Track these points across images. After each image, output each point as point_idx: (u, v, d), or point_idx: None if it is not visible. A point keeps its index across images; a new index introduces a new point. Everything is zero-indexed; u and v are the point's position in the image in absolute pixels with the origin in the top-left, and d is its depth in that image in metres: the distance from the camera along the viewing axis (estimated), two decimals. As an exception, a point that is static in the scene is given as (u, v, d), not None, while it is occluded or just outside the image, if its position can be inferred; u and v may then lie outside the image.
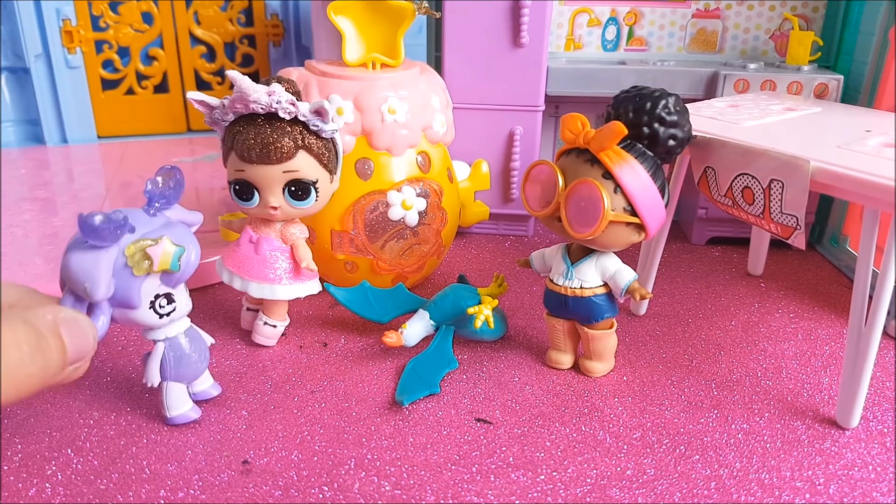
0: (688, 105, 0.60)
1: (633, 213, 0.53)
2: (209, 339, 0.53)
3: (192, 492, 0.46)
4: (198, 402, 0.53)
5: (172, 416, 0.51)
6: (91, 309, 0.42)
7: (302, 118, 0.55)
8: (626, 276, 0.56)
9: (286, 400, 0.56)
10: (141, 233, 0.44)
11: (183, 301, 0.48)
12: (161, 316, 0.47)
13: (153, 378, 0.50)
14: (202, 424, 0.53)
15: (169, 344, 0.50)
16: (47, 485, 0.46)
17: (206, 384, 0.54)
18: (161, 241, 0.43)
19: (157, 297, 0.46)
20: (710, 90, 0.83)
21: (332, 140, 0.59)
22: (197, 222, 0.48)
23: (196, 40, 1.20)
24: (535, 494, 0.46)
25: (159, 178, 0.46)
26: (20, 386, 0.33)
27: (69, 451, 0.50)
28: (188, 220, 0.48)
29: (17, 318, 0.34)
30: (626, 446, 0.51)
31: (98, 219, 0.40)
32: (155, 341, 0.49)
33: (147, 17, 1.16)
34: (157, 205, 0.46)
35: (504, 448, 0.51)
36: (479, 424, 0.53)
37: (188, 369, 0.51)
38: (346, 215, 0.67)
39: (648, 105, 0.53)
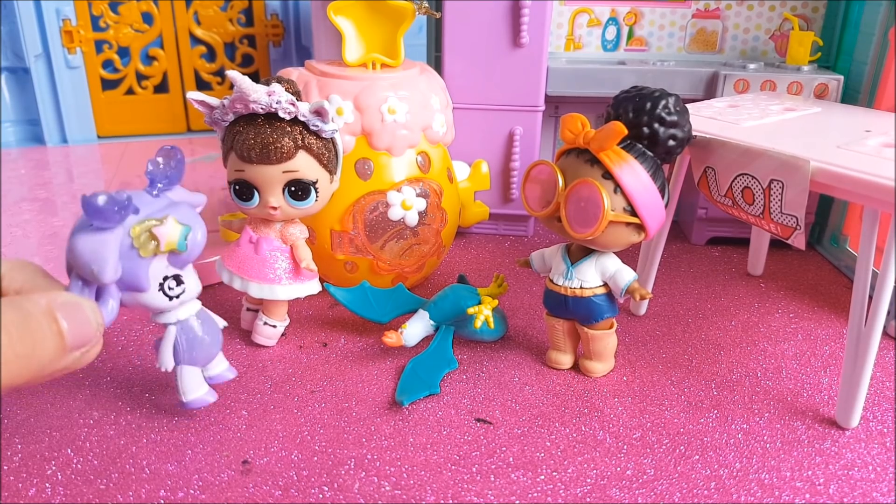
0: (688, 105, 0.60)
1: (633, 213, 0.53)
2: (221, 322, 0.53)
3: (191, 491, 0.46)
4: (213, 387, 0.53)
5: (189, 401, 0.51)
6: (99, 293, 0.42)
7: (302, 118, 0.55)
8: (625, 276, 0.56)
9: (286, 400, 0.56)
10: (144, 214, 0.43)
11: (192, 282, 0.47)
12: (171, 298, 0.46)
13: (166, 362, 0.49)
14: (202, 424, 0.53)
15: (181, 327, 0.49)
16: (47, 485, 0.46)
17: (222, 367, 0.53)
18: (166, 221, 0.43)
19: (165, 278, 0.45)
20: (710, 90, 0.83)
21: (332, 140, 0.59)
22: (201, 203, 0.47)
23: (196, 40, 1.19)
24: (535, 494, 0.46)
25: (160, 159, 0.45)
26: (11, 367, 0.33)
27: (69, 450, 0.50)
28: (192, 201, 0.47)
29: (6, 303, 0.34)
30: (626, 446, 0.51)
31: (101, 199, 0.40)
32: (166, 325, 0.49)
33: (147, 17, 1.16)
34: (159, 185, 0.45)
35: (504, 448, 0.51)
36: (479, 424, 0.53)
37: (201, 352, 0.50)
38: (346, 215, 0.67)
39: (648, 105, 0.53)
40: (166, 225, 0.43)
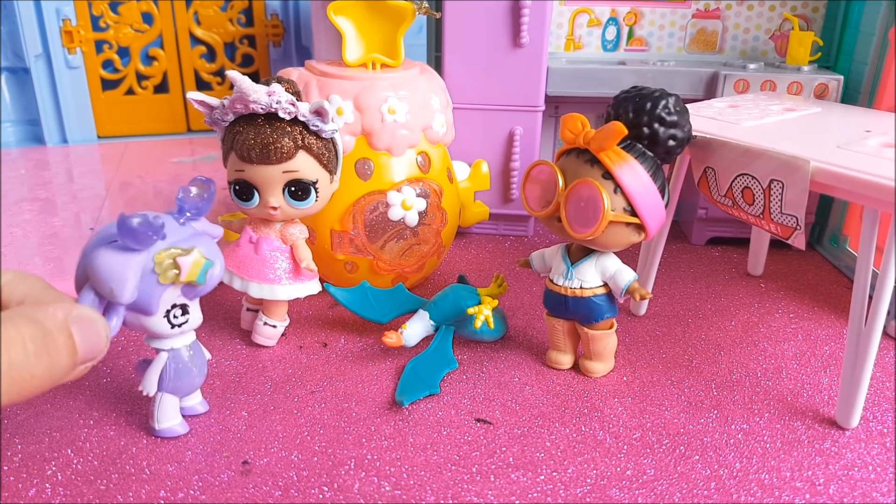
0: (688, 105, 0.60)
1: (633, 213, 0.53)
2: (207, 355, 0.53)
3: (191, 492, 0.46)
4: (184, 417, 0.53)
5: (160, 429, 0.51)
6: (106, 309, 0.41)
7: (302, 118, 0.55)
8: (625, 276, 0.56)
9: (286, 400, 0.56)
10: (170, 241, 0.43)
11: (196, 314, 0.48)
12: (173, 326, 0.46)
13: (150, 387, 0.49)
14: (202, 425, 0.53)
15: (172, 355, 0.49)
16: (47, 485, 0.46)
17: (195, 400, 0.53)
18: (192, 252, 0.43)
19: (173, 306, 0.45)
20: (710, 90, 0.83)
21: (332, 140, 0.59)
22: (218, 235, 0.48)
23: (196, 40, 1.20)
24: (535, 494, 0.46)
25: (193, 188, 0.45)
26: (24, 385, 0.33)
27: (69, 451, 0.50)
28: (211, 233, 0.47)
29: (23, 316, 0.34)
30: (626, 446, 0.51)
31: (137, 221, 0.39)
32: (158, 350, 0.49)
33: (147, 17, 1.16)
34: (187, 214, 0.45)
35: (504, 448, 0.51)
36: (479, 425, 0.53)
37: (186, 383, 0.50)
38: (346, 215, 0.67)
39: (648, 105, 0.53)
40: (191, 256, 0.43)
